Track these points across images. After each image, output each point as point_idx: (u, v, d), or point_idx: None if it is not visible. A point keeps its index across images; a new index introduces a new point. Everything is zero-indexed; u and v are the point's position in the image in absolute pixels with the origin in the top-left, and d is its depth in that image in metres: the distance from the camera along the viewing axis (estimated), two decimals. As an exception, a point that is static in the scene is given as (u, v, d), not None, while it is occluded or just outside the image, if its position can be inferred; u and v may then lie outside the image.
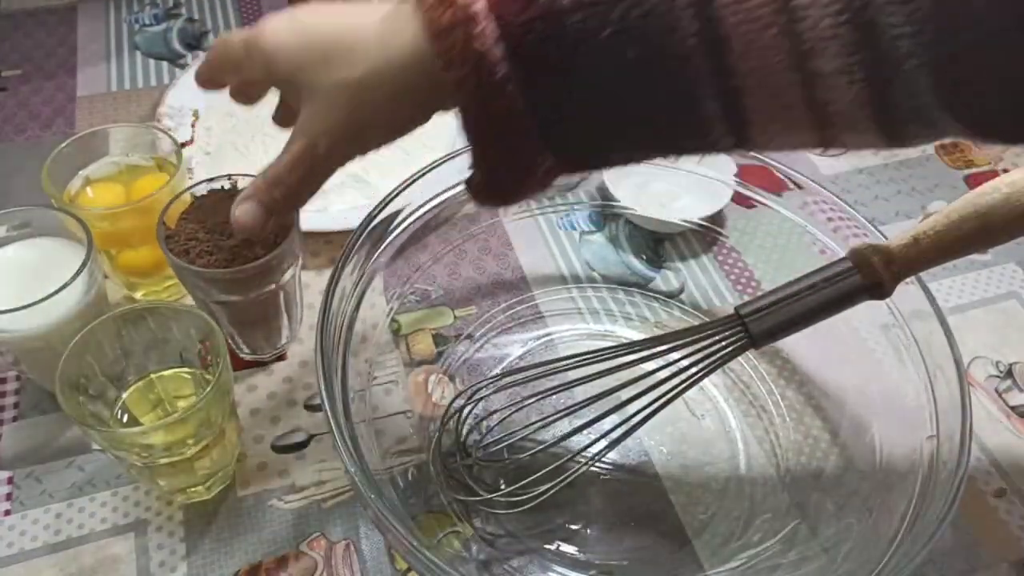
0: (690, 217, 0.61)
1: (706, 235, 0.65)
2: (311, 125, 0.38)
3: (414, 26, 0.34)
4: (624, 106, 0.33)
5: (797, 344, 0.57)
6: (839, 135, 0.32)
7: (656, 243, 0.65)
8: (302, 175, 0.39)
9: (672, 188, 0.62)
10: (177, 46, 0.82)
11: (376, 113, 0.37)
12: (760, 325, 0.43)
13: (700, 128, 0.33)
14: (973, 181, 0.73)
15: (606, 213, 0.66)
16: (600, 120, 0.34)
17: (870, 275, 0.42)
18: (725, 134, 0.33)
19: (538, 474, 0.48)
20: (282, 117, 0.47)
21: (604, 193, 0.64)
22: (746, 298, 0.56)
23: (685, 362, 0.45)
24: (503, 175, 0.37)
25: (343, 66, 0.36)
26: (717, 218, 0.62)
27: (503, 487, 0.51)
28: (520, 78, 0.32)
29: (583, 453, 0.48)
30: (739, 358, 0.50)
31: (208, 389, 0.43)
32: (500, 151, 0.35)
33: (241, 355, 0.57)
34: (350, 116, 0.37)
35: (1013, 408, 0.58)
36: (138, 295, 0.60)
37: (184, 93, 0.73)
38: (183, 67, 0.79)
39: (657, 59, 0.31)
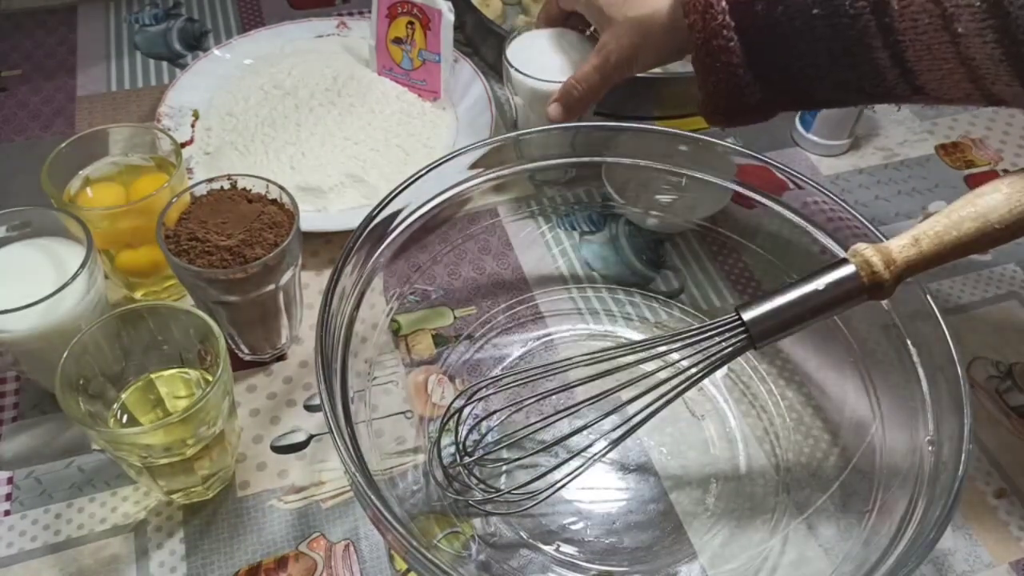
0: (691, 217, 0.62)
1: (706, 235, 0.65)
2: (608, 44, 0.56)
3: None
4: (815, 51, 0.45)
5: (797, 344, 0.57)
6: (991, 87, 0.42)
7: (656, 243, 0.65)
8: (598, 80, 0.58)
9: (674, 188, 0.62)
10: (177, 46, 0.82)
11: (651, 41, 0.54)
12: (760, 325, 0.43)
13: (876, 74, 0.45)
14: (973, 181, 0.73)
15: (606, 213, 0.66)
16: (796, 61, 0.46)
17: (870, 276, 0.42)
18: (898, 81, 0.44)
19: (538, 475, 0.48)
20: (546, 18, 0.66)
21: (604, 193, 0.63)
22: (746, 298, 0.56)
23: (685, 362, 0.45)
24: (720, 100, 0.50)
25: (636, 6, 0.54)
26: (717, 218, 0.62)
27: (503, 488, 0.51)
28: (735, 25, 0.47)
29: (583, 453, 0.48)
30: (739, 358, 0.50)
31: (208, 389, 0.43)
32: (717, 79, 0.49)
33: (241, 355, 0.57)
34: (633, 40, 0.55)
35: (1013, 408, 0.58)
36: (138, 295, 0.60)
37: (184, 93, 0.73)
38: (183, 67, 0.78)
39: (836, 16, 0.43)
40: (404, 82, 0.74)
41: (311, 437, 0.54)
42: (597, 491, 0.52)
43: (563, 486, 0.48)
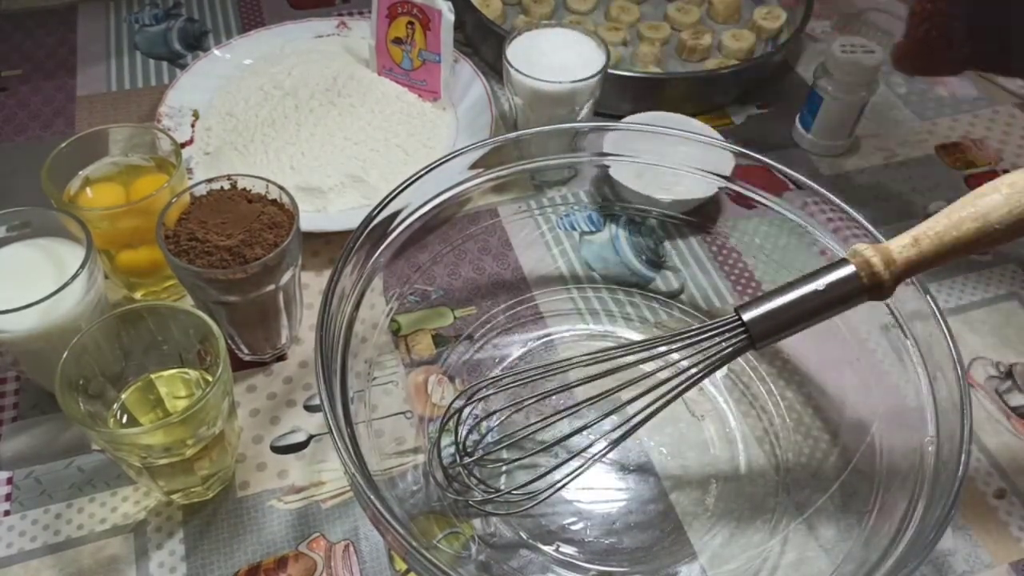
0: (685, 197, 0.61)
1: (706, 235, 0.65)
2: None
3: None
4: None
5: (797, 344, 0.56)
6: None
7: (656, 243, 0.65)
8: None
9: (671, 175, 0.60)
10: (177, 46, 0.82)
11: None
12: (760, 326, 0.43)
13: None
14: (973, 181, 0.73)
15: (606, 213, 0.66)
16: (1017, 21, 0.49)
17: (870, 276, 0.42)
18: None
19: (538, 475, 0.48)
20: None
21: (604, 193, 0.64)
22: (746, 298, 0.56)
23: (685, 363, 0.45)
24: (927, 49, 0.54)
25: None
26: (717, 218, 0.62)
27: (503, 488, 0.51)
28: None
29: (583, 454, 0.48)
30: (739, 358, 0.50)
31: (208, 389, 0.43)
32: (929, 27, 0.52)
33: (241, 355, 0.57)
34: None
35: (1013, 409, 0.58)
36: (138, 295, 0.60)
37: (184, 93, 0.73)
38: (183, 67, 0.78)
39: None
40: (404, 82, 0.74)
41: (311, 437, 0.54)
42: (597, 491, 0.52)
43: (563, 486, 0.48)
